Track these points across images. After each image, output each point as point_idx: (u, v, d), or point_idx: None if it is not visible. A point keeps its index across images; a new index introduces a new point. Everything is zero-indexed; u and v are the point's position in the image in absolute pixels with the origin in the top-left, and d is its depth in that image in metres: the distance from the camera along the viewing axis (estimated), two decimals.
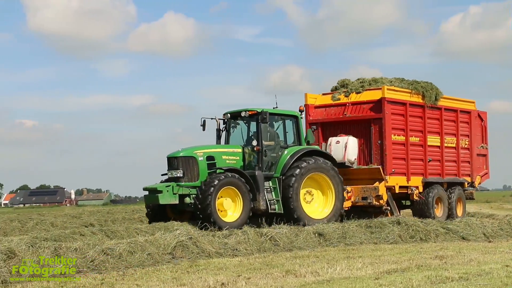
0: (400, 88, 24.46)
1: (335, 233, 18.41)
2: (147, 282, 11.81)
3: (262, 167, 20.01)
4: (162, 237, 15.94)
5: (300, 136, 21.34)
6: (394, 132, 23.74)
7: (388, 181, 23.07)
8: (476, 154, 27.25)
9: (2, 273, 12.08)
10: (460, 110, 26.61)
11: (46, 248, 13.73)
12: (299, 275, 11.99)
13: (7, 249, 13.11)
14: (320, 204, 21.10)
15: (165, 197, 18.68)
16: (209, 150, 20.06)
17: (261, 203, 19.61)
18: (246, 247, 16.28)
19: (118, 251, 14.31)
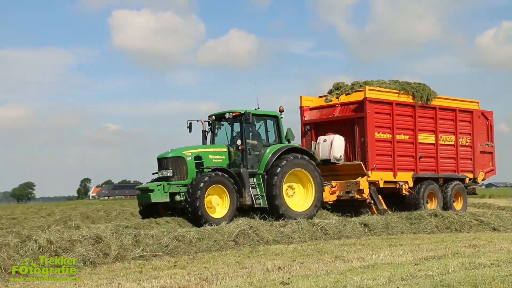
0: (384, 89, 23.18)
1: (378, 223, 18.25)
2: (213, 265, 11.85)
3: (247, 165, 19.10)
4: (226, 226, 16.01)
5: (280, 135, 20.24)
6: (379, 130, 22.47)
7: (371, 176, 21.95)
8: (480, 151, 25.69)
9: (91, 256, 12.33)
10: (460, 109, 25.13)
11: (128, 235, 13.90)
12: (347, 260, 11.89)
13: (95, 235, 13.37)
14: (302, 198, 20.02)
15: (156, 196, 17.89)
16: (196, 150, 19.13)
17: (247, 199, 18.70)
18: (299, 235, 16.23)
19: (188, 237, 14.41)
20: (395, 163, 22.62)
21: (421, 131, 23.58)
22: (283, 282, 9.37)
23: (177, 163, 18.50)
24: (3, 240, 12.15)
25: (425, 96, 23.51)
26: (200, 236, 14.69)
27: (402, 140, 23.00)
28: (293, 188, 19.81)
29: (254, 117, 19.27)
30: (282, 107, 20.26)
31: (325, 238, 16.38)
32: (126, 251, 12.96)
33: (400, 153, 22.86)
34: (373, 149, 21.98)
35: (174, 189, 17.90)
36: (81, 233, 13.50)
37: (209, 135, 20.39)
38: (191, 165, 18.44)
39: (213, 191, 17.85)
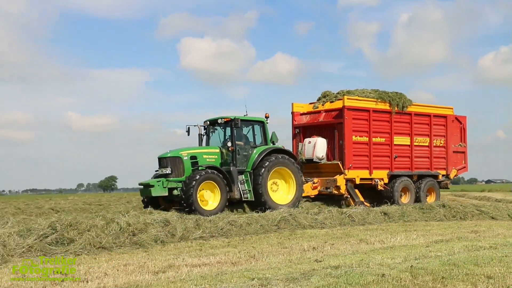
0: (362, 98, 22.10)
1: (396, 212, 18.13)
2: (259, 245, 11.86)
3: (236, 163, 18.18)
4: (270, 213, 16.02)
5: (266, 138, 19.22)
6: (356, 134, 21.40)
7: (347, 174, 21.01)
8: (453, 151, 24.43)
9: (161, 236, 12.45)
10: (434, 114, 23.88)
11: (190, 219, 14.01)
12: (370, 242, 11.82)
13: (164, 219, 13.51)
14: (285, 192, 19.02)
15: (156, 190, 17.05)
16: (192, 151, 18.15)
17: (236, 193, 17.84)
18: (331, 221, 16.15)
19: (239, 222, 14.46)
20: (371, 162, 21.78)
21: (397, 134, 22.60)
22: (317, 259, 9.35)
23: (175, 162, 17.73)
24: (92, 222, 12.35)
25: (401, 104, 22.57)
26: (249, 221, 14.73)
27: (378, 142, 22.06)
28: (277, 184, 19.00)
29: (242, 122, 18.55)
30: (268, 114, 19.52)
31: (352, 224, 16.28)
32: (189, 233, 13.06)
33: (376, 153, 21.96)
34: (350, 151, 21.15)
35: (172, 185, 17.13)
36: (153, 217, 13.66)
37: (205, 138, 19.62)
38: (187, 164, 17.65)
39: (205, 186, 17.12)
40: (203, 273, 8.35)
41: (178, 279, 7.82)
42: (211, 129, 19.57)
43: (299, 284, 7.09)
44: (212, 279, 7.68)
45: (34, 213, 21.94)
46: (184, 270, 8.56)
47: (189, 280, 7.66)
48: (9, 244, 10.50)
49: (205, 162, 17.91)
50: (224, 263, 9.28)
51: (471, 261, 8.55)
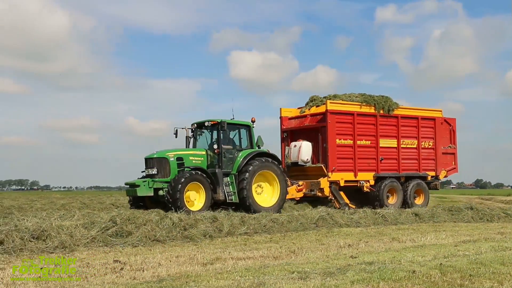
0: (346, 102, 20.98)
1: (426, 214, 17.78)
2: (299, 241, 11.81)
3: (222, 166, 17.18)
4: (309, 212, 15.96)
5: (252, 141, 18.16)
6: (340, 137, 20.30)
7: (331, 176, 19.92)
8: (442, 153, 23.08)
9: (209, 231, 12.51)
10: (422, 117, 22.58)
11: (236, 216, 14.04)
12: (401, 241, 11.64)
13: (212, 216, 13.58)
14: (269, 195, 17.92)
15: (142, 190, 16.09)
16: (178, 152, 17.07)
17: (220, 195, 16.85)
18: (365, 221, 15.97)
19: (281, 220, 14.43)
20: (356, 165, 20.62)
21: (383, 137, 21.39)
22: (352, 256, 9.26)
23: (161, 162, 16.70)
24: (148, 217, 12.51)
25: (387, 107, 21.41)
26: (290, 219, 14.68)
27: (363, 145, 20.90)
28: (262, 187, 17.91)
29: (229, 126, 17.60)
30: (254, 118, 18.44)
31: (385, 223, 16.06)
32: (235, 228, 13.09)
33: (361, 156, 20.82)
34: (334, 154, 20.05)
35: (158, 185, 16.17)
36: (202, 214, 13.76)
37: (192, 140, 18.55)
38: (174, 165, 16.62)
39: (191, 187, 16.17)
40: (247, 265, 8.36)
41: (225, 271, 7.84)
42: (198, 132, 18.59)
43: (336, 278, 7.04)
44: (256, 272, 7.68)
45: (97, 208, 22.35)
46: (230, 263, 8.59)
47: (234, 272, 7.68)
48: (75, 235, 10.72)
49: (191, 164, 16.95)
50: (266, 257, 9.26)
51: (497, 261, 8.35)
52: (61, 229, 10.78)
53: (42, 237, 10.28)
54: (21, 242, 9.95)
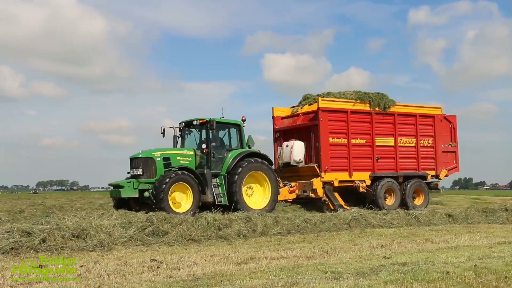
0: (338, 99, 19.92)
1: (460, 215, 17.48)
2: (332, 241, 11.75)
3: (211, 166, 16.31)
4: (342, 213, 15.88)
5: (242, 141, 17.24)
6: (333, 136, 19.32)
7: (324, 176, 18.95)
8: (442, 151, 21.99)
9: (243, 231, 12.55)
10: (420, 114, 21.52)
11: (270, 217, 14.06)
12: (435, 242, 11.48)
13: (246, 216, 13.62)
14: (260, 196, 17.10)
15: (126, 191, 15.21)
16: (165, 152, 16.14)
17: (209, 196, 16.02)
18: (398, 222, 15.79)
19: (314, 220, 14.38)
20: (351, 164, 19.60)
21: (379, 135, 20.38)
22: (385, 256, 9.17)
23: (146, 162, 15.75)
24: (184, 217, 12.65)
25: (382, 104, 20.35)
26: (323, 219, 14.63)
27: (358, 144, 19.89)
28: (252, 188, 17.08)
29: (218, 125, 16.73)
30: (245, 117, 17.52)
31: (418, 224, 15.84)
32: (268, 229, 13.09)
33: (356, 155, 19.79)
34: (327, 153, 19.08)
35: (143, 186, 15.27)
36: (236, 214, 13.81)
37: (180, 140, 17.57)
38: (160, 165, 15.71)
39: (178, 188, 15.30)
40: (281, 265, 8.36)
41: (259, 270, 7.86)
42: (187, 131, 17.65)
43: (369, 278, 6.99)
44: (289, 271, 7.68)
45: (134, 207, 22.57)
46: (264, 262, 8.60)
47: (268, 271, 7.69)
48: (113, 234, 10.89)
49: (179, 164, 16.02)
50: (300, 257, 9.25)
51: None
52: (100, 228, 10.97)
53: (82, 236, 10.48)
54: (62, 240, 10.15)
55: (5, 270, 7.86)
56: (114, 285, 6.81)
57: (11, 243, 9.64)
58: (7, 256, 9.28)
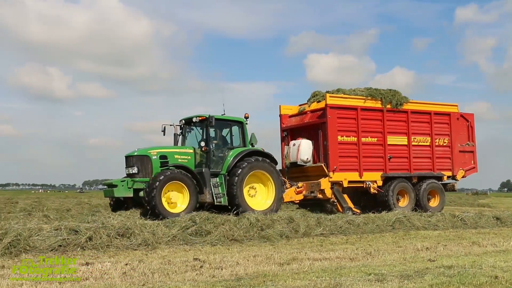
0: (347, 96, 18.99)
1: (509, 218, 16.94)
2: (375, 243, 11.61)
3: (210, 165, 15.38)
4: (386, 214, 15.62)
5: (245, 139, 16.29)
6: (342, 134, 18.37)
7: (332, 176, 17.98)
8: (459, 151, 20.81)
9: (285, 231, 12.53)
10: (435, 112, 20.42)
11: (312, 217, 14.01)
12: (482, 245, 11.17)
13: (289, 216, 13.60)
14: (263, 197, 16.03)
15: (120, 191, 14.52)
16: (162, 150, 15.31)
17: (207, 196, 15.10)
18: (443, 224, 15.46)
19: (357, 222, 14.23)
20: (361, 164, 18.60)
21: (391, 134, 19.36)
22: (430, 259, 9.00)
23: (142, 161, 14.99)
24: (226, 217, 12.72)
25: (394, 101, 19.37)
26: (366, 221, 14.46)
27: (369, 142, 18.88)
28: (255, 189, 16.06)
29: (219, 122, 15.93)
30: (248, 114, 16.56)
31: (464, 227, 15.48)
32: (311, 229, 13.03)
33: (367, 154, 18.78)
34: (335, 152, 18.14)
35: (138, 185, 14.51)
36: (279, 215, 13.81)
37: (180, 138, 16.72)
38: (156, 164, 14.93)
39: (173, 187, 14.36)
40: (324, 266, 8.30)
41: (301, 271, 7.83)
42: (187, 129, 16.73)
43: (413, 281, 6.86)
44: (332, 272, 7.62)
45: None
46: (307, 263, 8.56)
47: (311, 272, 7.65)
48: (157, 233, 11.03)
49: (177, 162, 15.22)
50: (342, 258, 9.17)
51: None
52: (144, 227, 11.14)
53: (126, 235, 10.65)
54: (108, 239, 10.34)
55: (54, 266, 8.06)
56: (158, 284, 6.89)
57: (59, 240, 9.89)
58: (55, 253, 9.53)
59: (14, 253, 9.26)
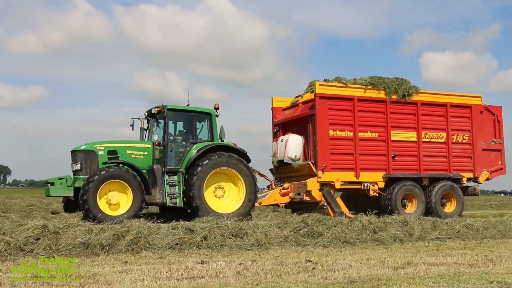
0: (341, 84, 16.80)
1: None
2: (497, 249, 10.97)
3: (167, 161, 13.68)
4: (509, 219, 14.73)
5: (213, 133, 14.37)
6: (335, 128, 16.34)
7: (322, 176, 15.98)
8: (482, 149, 18.35)
9: (399, 235, 12.21)
10: (452, 104, 18.06)
11: (427, 221, 13.56)
12: None
13: (403, 220, 13.22)
14: (233, 199, 14.08)
15: (56, 190, 13.06)
16: (111, 145, 13.68)
17: (157, 196, 13.38)
18: None
19: (476, 226, 13.57)
20: (357, 162, 16.54)
21: (395, 128, 17.24)
22: None
23: (87, 156, 13.49)
24: (338, 219, 12.63)
25: (401, 91, 17.20)
26: (486, 225, 13.74)
27: (368, 138, 16.82)
28: (223, 189, 14.15)
29: (179, 113, 14.35)
30: (218, 104, 14.61)
31: None
32: (426, 233, 12.60)
33: (365, 151, 16.70)
34: (325, 148, 16.13)
35: (80, 184, 12.84)
36: (392, 217, 13.45)
37: (147, 132, 14.95)
38: (103, 160, 13.41)
39: (115, 186, 12.83)
40: (441, 272, 7.97)
41: (417, 276, 7.57)
42: (154, 122, 14.83)
43: None
44: (450, 279, 7.29)
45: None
46: (422, 268, 8.26)
47: (427, 278, 7.37)
48: (269, 234, 11.16)
49: (129, 159, 13.66)
50: (461, 264, 8.74)
51: None
52: (257, 228, 11.32)
53: (240, 235, 10.87)
54: (222, 238, 10.62)
55: (172, 264, 8.41)
56: (271, 284, 6.96)
57: (176, 239, 10.30)
58: (172, 251, 9.94)
59: (136, 249, 9.76)
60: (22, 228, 9.82)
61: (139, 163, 13.66)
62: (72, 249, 9.42)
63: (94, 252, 9.46)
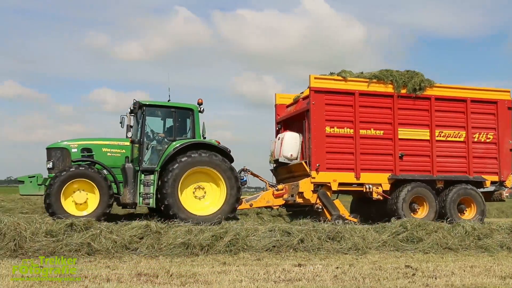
0: (340, 77, 15.30)
1: None
2: None
3: (141, 159, 13.00)
4: None
5: (194, 130, 13.57)
6: (332, 124, 14.88)
7: (316, 177, 14.60)
8: (510, 149, 16.18)
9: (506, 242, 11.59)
10: (472, 99, 16.04)
11: None
12: None
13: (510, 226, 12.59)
14: (214, 200, 13.26)
15: (26, 188, 12.77)
16: (86, 142, 13.27)
17: (128, 197, 12.75)
18: None
19: None
20: (358, 162, 15.03)
21: (403, 125, 15.52)
22: None
23: (60, 154, 13.13)
24: (440, 224, 12.18)
25: (411, 85, 15.57)
26: None
27: (371, 135, 15.24)
28: (203, 189, 13.33)
29: (159, 109, 13.68)
30: (201, 100, 13.75)
31: None
32: None
33: (367, 151, 15.17)
34: (320, 146, 14.77)
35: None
36: (498, 224, 12.82)
37: (132, 130, 13.73)
38: (76, 158, 13.03)
39: (83, 186, 12.41)
40: None
41: None
42: (134, 119, 14.06)
43: None
44: None
45: None
46: None
47: None
48: (367, 238, 10.99)
49: (105, 157, 13.27)
50: None
51: None
52: (354, 231, 11.18)
53: (337, 238, 10.78)
54: (319, 241, 10.58)
55: (269, 266, 8.48)
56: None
57: (273, 241, 10.38)
58: (269, 253, 10.02)
59: (234, 251, 9.94)
60: (127, 227, 10.32)
61: (115, 161, 13.35)
62: (173, 248, 9.75)
63: (193, 252, 9.73)
